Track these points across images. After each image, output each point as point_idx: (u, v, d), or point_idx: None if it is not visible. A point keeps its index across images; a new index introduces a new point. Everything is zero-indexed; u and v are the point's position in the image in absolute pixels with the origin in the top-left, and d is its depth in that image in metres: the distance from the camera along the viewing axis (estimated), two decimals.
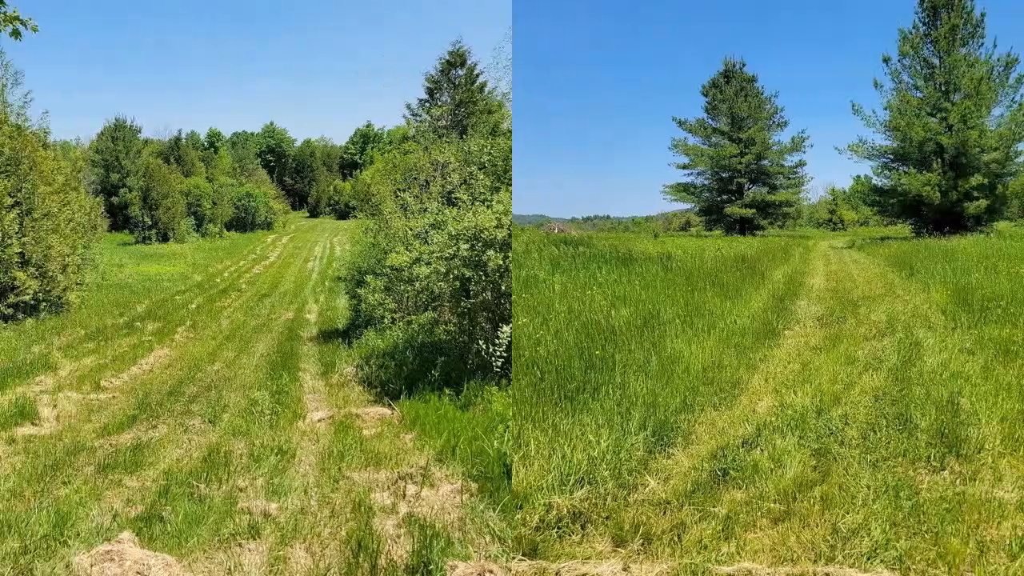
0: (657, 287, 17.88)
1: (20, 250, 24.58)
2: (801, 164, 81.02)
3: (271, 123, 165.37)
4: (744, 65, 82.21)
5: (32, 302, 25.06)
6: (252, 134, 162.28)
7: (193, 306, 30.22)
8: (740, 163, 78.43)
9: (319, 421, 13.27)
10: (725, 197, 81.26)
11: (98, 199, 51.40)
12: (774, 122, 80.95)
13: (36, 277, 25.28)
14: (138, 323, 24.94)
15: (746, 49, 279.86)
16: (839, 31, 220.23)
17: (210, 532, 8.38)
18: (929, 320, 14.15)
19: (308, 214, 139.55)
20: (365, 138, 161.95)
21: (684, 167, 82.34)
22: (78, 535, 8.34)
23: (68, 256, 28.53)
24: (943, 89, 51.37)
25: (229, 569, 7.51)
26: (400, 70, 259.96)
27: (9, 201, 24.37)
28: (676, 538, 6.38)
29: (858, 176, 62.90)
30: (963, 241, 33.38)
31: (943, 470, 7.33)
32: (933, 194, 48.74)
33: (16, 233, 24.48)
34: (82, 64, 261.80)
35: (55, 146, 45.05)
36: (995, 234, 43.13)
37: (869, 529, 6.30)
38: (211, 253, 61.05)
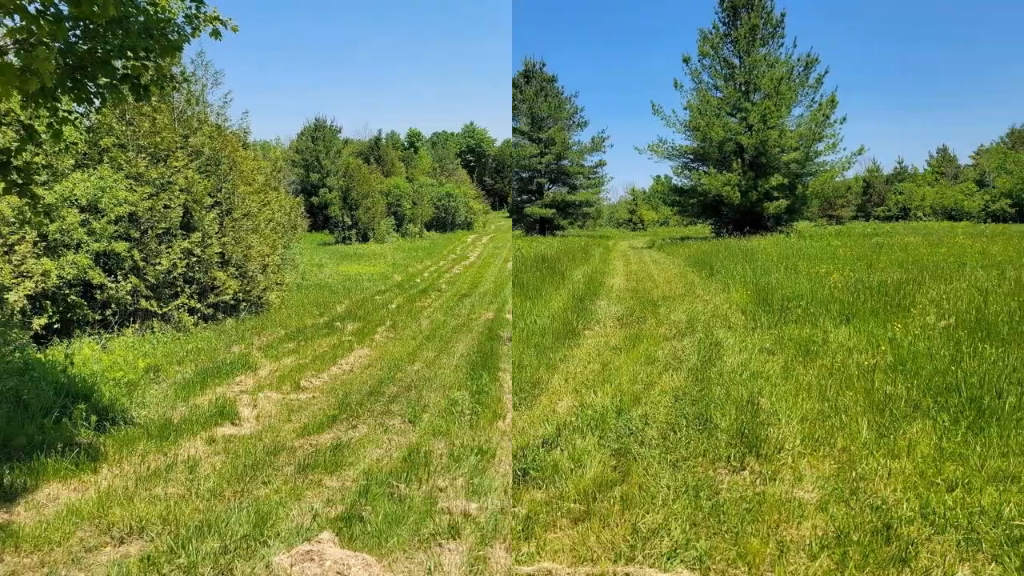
0: None
1: (220, 250, 25.69)
2: (601, 164, 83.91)
3: (471, 123, 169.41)
4: (544, 65, 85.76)
5: (232, 302, 26.20)
6: (452, 134, 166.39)
7: (393, 306, 30.98)
8: (540, 163, 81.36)
9: None
10: (525, 197, 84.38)
11: (298, 199, 53.64)
12: (574, 122, 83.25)
13: (236, 277, 26.41)
14: (338, 323, 25.73)
15: (546, 49, 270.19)
16: (639, 31, 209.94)
17: (410, 532, 8.51)
18: (729, 320, 13.83)
19: (508, 214, 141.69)
20: None
21: None
22: (278, 535, 8.61)
23: (268, 256, 29.71)
24: (743, 89, 51.84)
25: (429, 569, 7.59)
26: None
27: (209, 201, 25.53)
28: None
29: (658, 176, 63.58)
30: (763, 241, 33.34)
31: (743, 470, 7.49)
32: (733, 194, 48.53)
33: (216, 233, 25.62)
34: (283, 64, 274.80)
35: (255, 146, 47.37)
36: (795, 234, 44.13)
37: (669, 529, 6.56)
38: (411, 253, 62.62)
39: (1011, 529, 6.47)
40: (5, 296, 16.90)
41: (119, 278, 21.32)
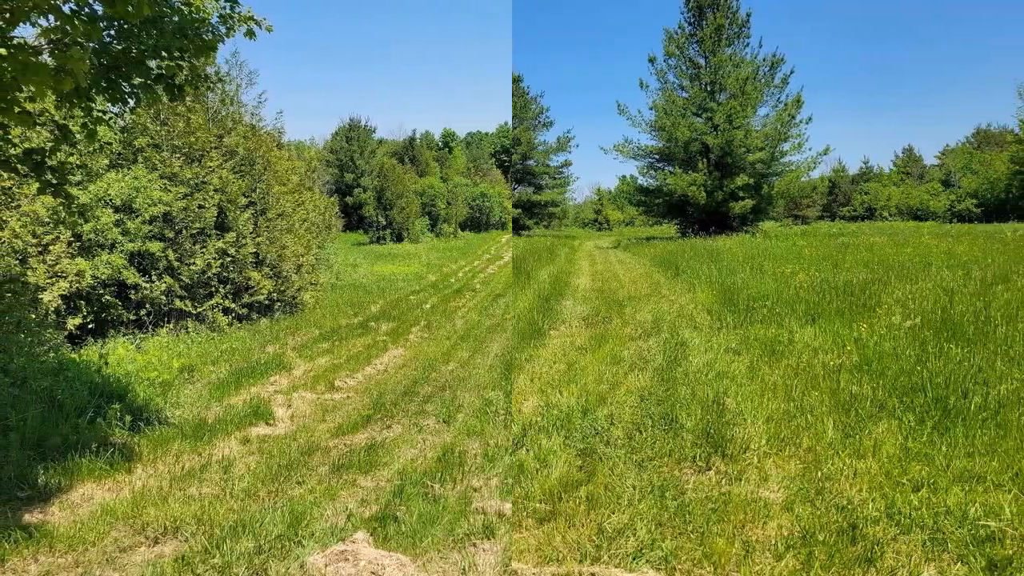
0: None
1: (254, 250, 25.78)
2: (567, 164, 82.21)
3: (505, 123, 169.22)
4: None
5: (266, 302, 26.31)
6: (486, 134, 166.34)
7: (427, 306, 31.03)
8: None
9: None
10: None
11: (332, 199, 53.82)
12: (540, 122, 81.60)
13: (270, 277, 26.51)
14: (372, 323, 25.79)
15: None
16: (604, 30, 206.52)
17: (444, 532, 8.52)
18: (695, 320, 13.72)
19: None
20: None
21: None
22: (312, 535, 8.64)
23: (303, 256, 29.82)
24: (709, 89, 51.60)
25: (463, 569, 7.59)
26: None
27: (244, 201, 25.63)
28: None
29: (624, 176, 62.52)
30: (729, 241, 33.04)
31: (709, 470, 7.54)
32: (699, 194, 48.30)
33: (250, 233, 25.72)
34: (316, 64, 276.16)
35: (289, 146, 47.54)
36: (761, 234, 43.64)
37: (635, 529, 6.60)
38: (445, 253, 62.71)
39: (976, 529, 6.50)
40: (40, 296, 17.06)
41: (153, 278, 21.47)
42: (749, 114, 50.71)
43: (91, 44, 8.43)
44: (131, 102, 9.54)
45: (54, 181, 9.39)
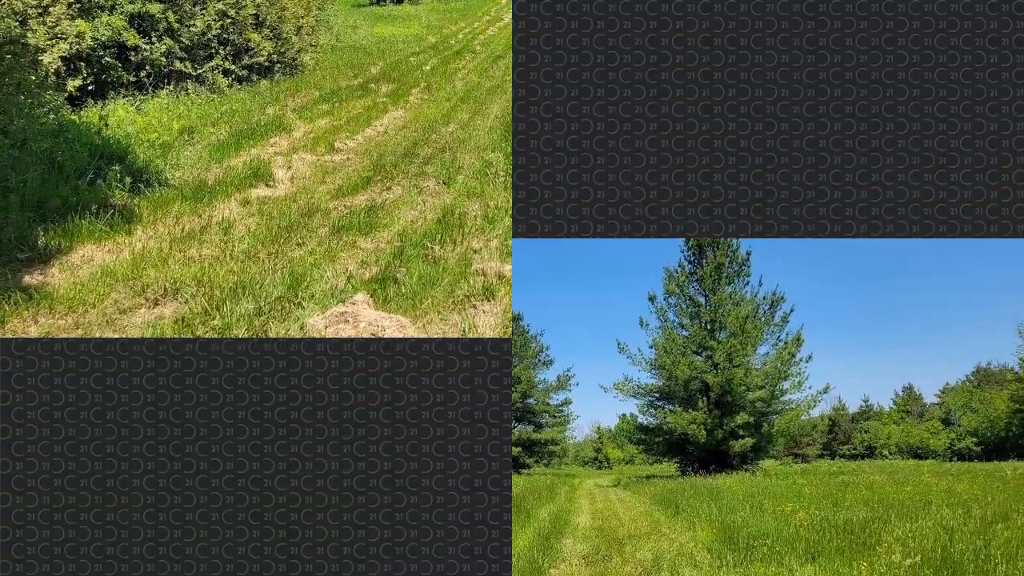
0: None
1: (254, 11, 24.76)
2: (567, 403, 76.84)
3: None
4: None
5: (266, 64, 25.46)
6: None
7: (427, 68, 30.17)
8: None
9: None
10: None
11: None
12: (540, 360, 76.42)
13: (270, 39, 25.55)
14: (372, 85, 25.09)
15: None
16: (605, 267, 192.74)
17: (444, 293, 8.28)
18: (695, 558, 13.19)
19: None
20: None
21: None
22: (312, 297, 8.40)
23: (302, 18, 28.74)
24: (709, 327, 48.16)
25: (464, 331, 7.38)
26: None
27: None
28: None
29: (624, 414, 58.95)
30: (729, 479, 31.53)
31: None
32: (699, 432, 46.24)
33: None
34: None
35: None
36: (761, 472, 41.79)
37: None
38: (445, 15, 60.90)
39: None
40: (39, 58, 16.36)
41: (153, 39, 20.60)
42: (749, 352, 48.23)
43: None
44: None
45: None
